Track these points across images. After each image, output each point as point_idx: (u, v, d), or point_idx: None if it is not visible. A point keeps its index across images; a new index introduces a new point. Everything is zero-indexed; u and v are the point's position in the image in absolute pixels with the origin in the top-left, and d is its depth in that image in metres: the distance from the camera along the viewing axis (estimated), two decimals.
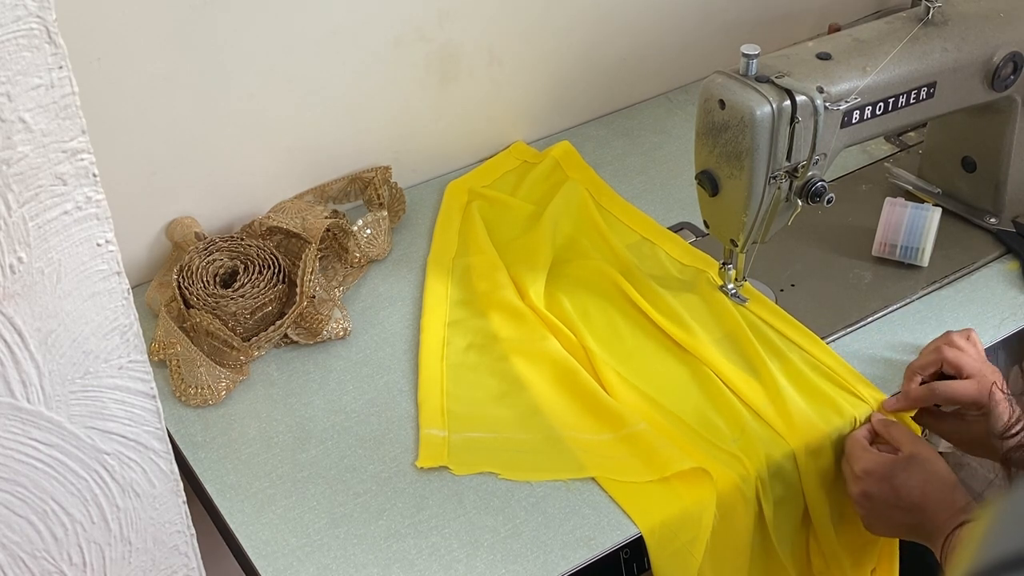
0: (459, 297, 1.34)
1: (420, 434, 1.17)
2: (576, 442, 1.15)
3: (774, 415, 1.17)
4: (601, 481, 1.12)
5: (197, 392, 1.20)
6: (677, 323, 1.28)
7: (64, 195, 0.71)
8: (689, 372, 1.23)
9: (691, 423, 1.17)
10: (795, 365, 1.23)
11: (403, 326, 1.31)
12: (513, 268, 1.35)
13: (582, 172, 1.53)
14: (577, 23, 1.55)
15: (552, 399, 1.20)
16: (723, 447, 1.14)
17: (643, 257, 1.39)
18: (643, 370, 1.24)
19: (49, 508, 0.81)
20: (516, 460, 1.14)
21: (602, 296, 1.32)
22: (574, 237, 1.42)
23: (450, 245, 1.41)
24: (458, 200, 1.48)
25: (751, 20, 1.71)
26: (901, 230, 1.34)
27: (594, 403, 1.19)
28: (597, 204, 1.47)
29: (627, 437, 1.14)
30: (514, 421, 1.18)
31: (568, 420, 1.18)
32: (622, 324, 1.29)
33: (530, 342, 1.26)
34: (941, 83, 1.25)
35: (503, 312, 1.30)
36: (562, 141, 1.58)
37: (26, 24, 0.65)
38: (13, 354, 0.74)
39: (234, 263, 1.29)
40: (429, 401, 1.20)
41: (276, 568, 1.05)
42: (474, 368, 1.24)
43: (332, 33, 1.35)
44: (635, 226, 1.44)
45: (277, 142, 1.39)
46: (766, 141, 1.15)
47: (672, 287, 1.34)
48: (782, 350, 1.25)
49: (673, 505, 1.09)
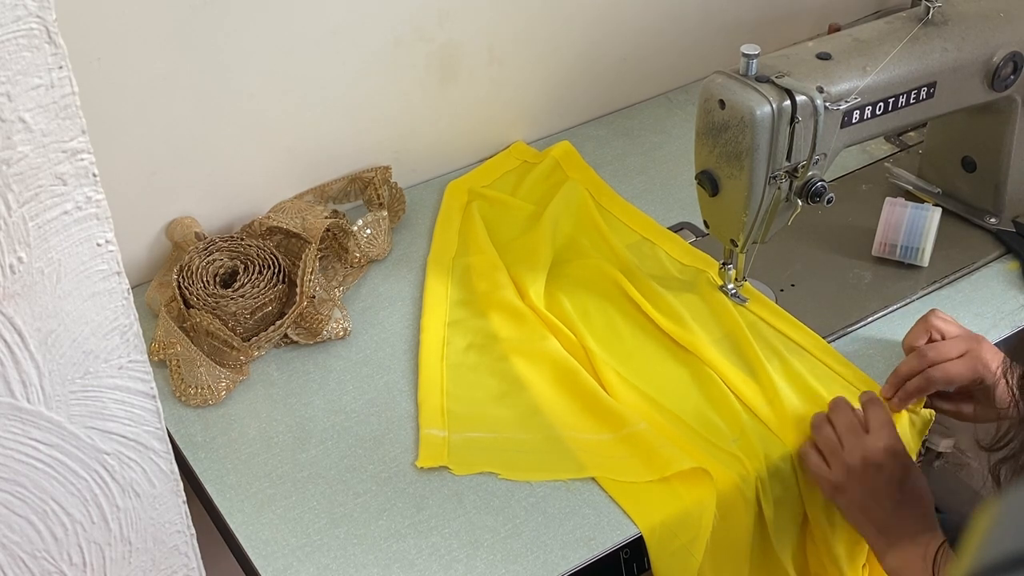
0: (459, 297, 1.34)
1: (420, 434, 1.17)
2: (576, 442, 1.15)
3: (772, 415, 1.17)
4: (601, 481, 1.12)
5: (197, 392, 1.20)
6: (677, 323, 1.28)
7: (64, 195, 0.71)
8: (689, 372, 1.23)
9: (691, 423, 1.17)
10: (794, 366, 1.23)
11: (403, 326, 1.31)
12: (513, 268, 1.35)
13: (582, 172, 1.53)
14: (577, 23, 1.55)
15: (552, 399, 1.20)
16: (723, 447, 1.14)
17: (643, 257, 1.39)
18: (643, 370, 1.24)
19: (49, 508, 0.81)
20: (516, 460, 1.14)
21: (602, 296, 1.32)
22: (574, 237, 1.42)
23: (450, 245, 1.41)
24: (458, 200, 1.48)
25: (751, 20, 1.71)
26: (901, 230, 1.34)
27: (594, 403, 1.19)
28: (597, 204, 1.47)
29: (627, 437, 1.14)
30: (514, 421, 1.18)
31: (568, 420, 1.18)
32: (622, 324, 1.29)
33: (530, 342, 1.26)
34: (941, 83, 1.25)
35: (503, 312, 1.30)
36: (562, 141, 1.58)
37: (26, 24, 0.65)
38: (13, 354, 0.74)
39: (234, 263, 1.29)
40: (429, 401, 1.20)
41: (276, 568, 1.05)
42: (474, 368, 1.24)
43: (332, 33, 1.35)
44: (635, 226, 1.44)
45: (277, 142, 1.39)
46: (766, 141, 1.15)
47: (672, 287, 1.34)
48: (781, 351, 1.25)
49: (673, 505, 1.09)
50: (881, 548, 1.10)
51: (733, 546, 1.12)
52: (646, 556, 1.08)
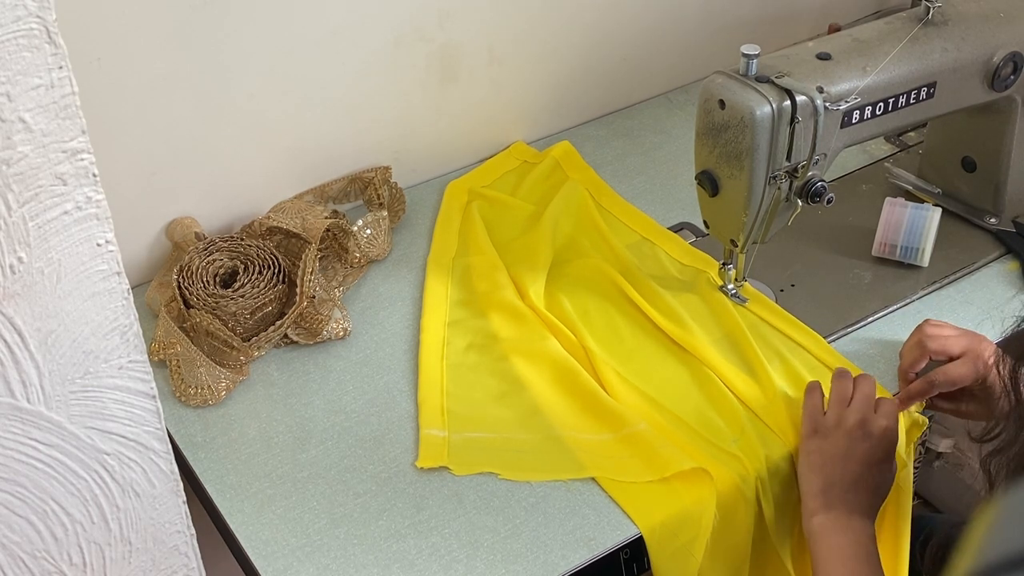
0: (459, 297, 1.34)
1: (420, 434, 1.17)
2: (576, 442, 1.15)
3: (772, 415, 1.17)
4: (601, 481, 1.12)
5: (197, 392, 1.20)
6: (677, 323, 1.28)
7: (64, 195, 0.71)
8: (689, 372, 1.23)
9: (691, 423, 1.17)
10: (794, 366, 1.23)
11: (403, 326, 1.31)
12: (513, 268, 1.35)
13: (582, 172, 1.53)
14: (577, 23, 1.55)
15: (552, 399, 1.20)
16: (723, 447, 1.14)
17: (643, 257, 1.39)
18: (643, 370, 1.24)
19: (49, 508, 0.81)
20: (516, 460, 1.14)
21: (602, 296, 1.33)
22: (574, 237, 1.42)
23: (450, 245, 1.41)
24: (458, 200, 1.48)
25: (751, 20, 1.71)
26: (901, 230, 1.34)
27: (594, 403, 1.19)
28: (597, 204, 1.47)
29: (627, 437, 1.14)
30: (514, 421, 1.18)
31: (568, 420, 1.18)
32: (622, 324, 1.29)
33: (530, 342, 1.26)
34: (941, 83, 1.25)
35: (503, 312, 1.30)
36: (562, 141, 1.58)
37: (26, 24, 0.65)
38: (13, 354, 0.74)
39: (234, 263, 1.29)
40: (429, 401, 1.20)
41: (276, 568, 1.05)
42: (474, 368, 1.24)
43: (332, 33, 1.35)
44: (635, 226, 1.44)
45: (277, 142, 1.39)
46: (766, 141, 1.15)
47: (672, 287, 1.34)
48: (781, 350, 1.25)
49: (673, 505, 1.09)
50: (815, 507, 1.09)
51: (733, 546, 1.12)
52: (646, 556, 1.08)
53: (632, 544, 1.08)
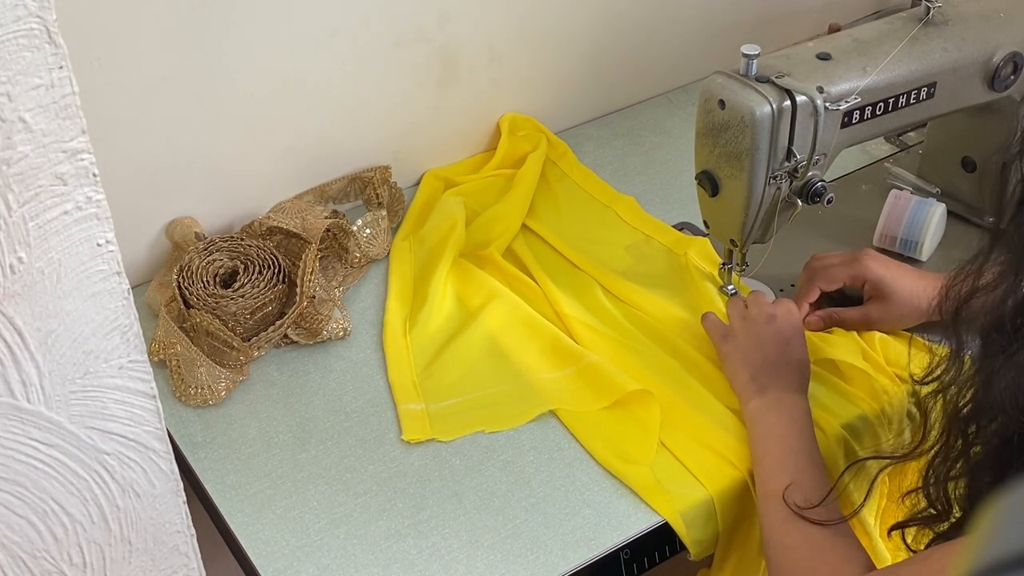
0: (419, 273, 1.35)
1: (398, 410, 1.19)
2: (540, 383, 1.21)
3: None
4: (560, 414, 1.17)
5: (197, 392, 1.20)
6: (675, 322, 1.28)
7: (64, 195, 0.71)
8: (682, 365, 1.23)
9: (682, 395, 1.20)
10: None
11: None
12: (481, 232, 1.39)
13: (581, 172, 1.53)
14: (577, 23, 1.55)
15: (515, 347, 1.24)
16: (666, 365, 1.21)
17: (642, 256, 1.39)
18: (593, 307, 1.30)
19: (49, 508, 0.81)
20: (495, 414, 1.18)
21: (595, 305, 1.32)
22: (566, 224, 1.44)
23: (416, 229, 1.42)
24: (430, 186, 1.50)
25: (751, 20, 1.71)
26: (902, 222, 1.35)
27: (553, 342, 1.24)
28: (560, 172, 1.52)
29: (581, 370, 1.20)
30: (486, 376, 1.22)
31: (531, 363, 1.23)
32: (619, 324, 1.29)
33: (489, 295, 1.29)
34: (941, 83, 1.25)
35: (461, 274, 1.33)
36: (561, 142, 1.58)
37: (26, 24, 0.65)
38: (13, 354, 0.74)
39: (234, 263, 1.29)
40: (400, 379, 1.22)
41: (276, 568, 1.05)
42: (435, 337, 1.27)
43: (332, 33, 1.35)
44: (635, 224, 1.45)
45: (277, 142, 1.39)
46: (766, 141, 1.15)
47: (671, 287, 1.34)
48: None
49: (623, 427, 1.16)
50: (749, 394, 1.13)
51: (752, 545, 1.13)
52: (646, 556, 1.08)
53: (632, 544, 1.08)
